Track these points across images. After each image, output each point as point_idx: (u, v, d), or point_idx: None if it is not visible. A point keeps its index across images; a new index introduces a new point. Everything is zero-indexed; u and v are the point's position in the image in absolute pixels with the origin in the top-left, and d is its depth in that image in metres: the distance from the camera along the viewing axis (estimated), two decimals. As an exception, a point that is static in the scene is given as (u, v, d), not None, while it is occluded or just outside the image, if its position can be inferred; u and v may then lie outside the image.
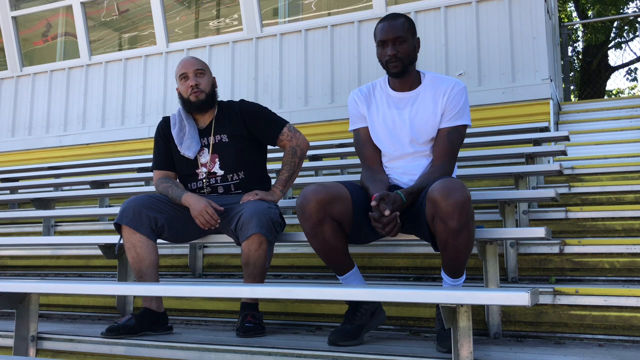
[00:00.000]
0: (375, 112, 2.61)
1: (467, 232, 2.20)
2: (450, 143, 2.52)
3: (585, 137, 5.81)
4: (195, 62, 2.92)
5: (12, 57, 8.29)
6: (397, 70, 2.52)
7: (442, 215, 2.16)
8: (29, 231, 5.05)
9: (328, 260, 2.47)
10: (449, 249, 2.25)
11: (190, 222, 2.75)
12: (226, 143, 2.87)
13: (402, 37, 2.50)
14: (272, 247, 2.67)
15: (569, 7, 16.63)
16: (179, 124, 2.91)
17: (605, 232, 3.46)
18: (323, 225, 2.35)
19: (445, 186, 2.16)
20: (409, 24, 2.55)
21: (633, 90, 18.22)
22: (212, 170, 2.86)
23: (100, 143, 7.50)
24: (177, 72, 2.94)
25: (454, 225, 2.15)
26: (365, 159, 2.64)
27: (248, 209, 2.61)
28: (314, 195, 2.32)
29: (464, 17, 6.11)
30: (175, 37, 7.52)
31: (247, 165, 2.89)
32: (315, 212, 2.32)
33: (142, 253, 2.66)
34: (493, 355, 2.18)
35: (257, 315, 2.67)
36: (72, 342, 2.61)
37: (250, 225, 2.56)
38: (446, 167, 2.50)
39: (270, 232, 2.61)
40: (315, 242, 2.41)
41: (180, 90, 2.91)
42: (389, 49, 2.50)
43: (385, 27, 2.53)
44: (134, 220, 2.65)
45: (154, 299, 2.72)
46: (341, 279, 2.53)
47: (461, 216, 2.14)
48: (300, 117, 6.46)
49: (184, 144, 2.85)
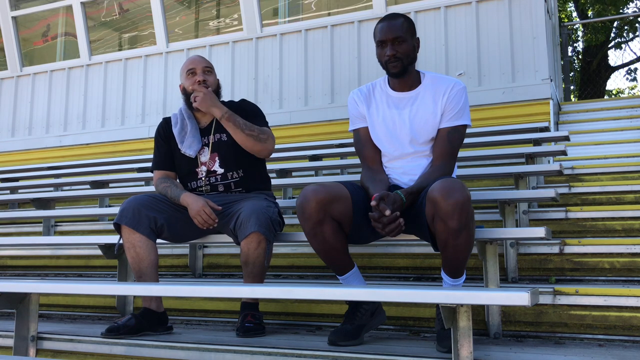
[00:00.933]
0: (375, 112, 2.61)
1: (467, 232, 2.20)
2: (450, 143, 2.52)
3: (585, 137, 5.81)
4: (203, 60, 2.95)
5: (12, 57, 8.29)
6: (397, 71, 2.52)
7: (442, 215, 2.16)
8: (29, 231, 5.05)
9: (328, 260, 2.47)
10: (449, 249, 2.25)
11: (189, 222, 2.74)
12: (225, 141, 2.87)
13: (401, 37, 2.50)
14: (271, 246, 2.67)
15: (569, 7, 16.63)
16: (180, 123, 2.91)
17: (605, 232, 3.46)
18: (323, 225, 2.34)
19: (445, 186, 2.16)
20: (408, 24, 2.55)
21: (633, 90, 18.23)
22: (212, 168, 2.86)
23: (100, 143, 7.50)
24: (184, 68, 2.94)
25: (454, 225, 2.15)
26: (365, 159, 2.64)
27: (247, 208, 2.61)
28: (314, 195, 2.32)
29: (464, 17, 6.11)
30: (175, 37, 7.52)
31: (246, 164, 2.89)
32: (315, 212, 2.32)
33: (141, 253, 2.66)
34: (493, 355, 2.18)
35: (257, 315, 2.66)
36: (72, 342, 2.61)
37: (249, 224, 2.56)
38: (446, 167, 2.50)
39: (269, 231, 2.61)
40: (316, 242, 2.41)
41: (186, 85, 2.91)
42: (388, 49, 2.50)
43: (384, 27, 2.53)
44: (134, 220, 2.65)
45: (154, 299, 2.72)
46: (341, 279, 2.53)
47: (461, 216, 2.14)
48: (300, 117, 6.46)
49: (185, 143, 2.86)
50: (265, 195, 2.86)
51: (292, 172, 4.75)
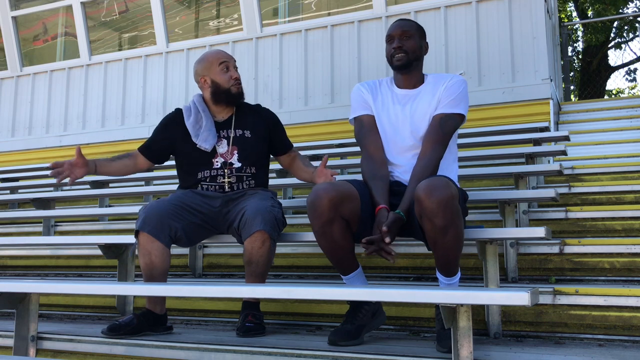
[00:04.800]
0: (380, 106, 2.63)
1: (455, 230, 2.19)
2: (441, 128, 2.50)
3: (585, 137, 5.81)
4: (231, 56, 2.97)
5: (12, 57, 8.29)
6: (401, 63, 2.55)
7: (427, 213, 2.16)
8: (29, 231, 5.05)
9: (334, 259, 2.46)
10: (439, 247, 2.26)
11: (204, 227, 2.76)
12: (248, 138, 2.90)
13: (409, 33, 2.58)
14: (274, 245, 2.67)
15: (569, 7, 16.63)
16: (194, 116, 2.88)
17: (605, 232, 3.46)
18: (333, 224, 2.33)
19: (428, 184, 2.17)
20: (418, 26, 2.65)
21: (633, 90, 18.23)
22: (230, 160, 2.86)
23: (100, 143, 7.50)
24: (214, 57, 2.91)
25: (439, 223, 2.16)
26: (367, 147, 2.60)
27: (251, 207, 2.62)
28: (325, 194, 2.30)
29: (464, 17, 6.11)
30: (175, 37, 7.52)
31: (260, 164, 2.93)
32: (327, 210, 2.30)
33: (156, 261, 2.64)
34: (493, 355, 2.18)
35: (258, 315, 2.66)
36: (72, 342, 2.61)
37: (255, 223, 2.56)
38: (433, 154, 2.46)
39: (274, 230, 2.61)
40: (324, 241, 2.39)
41: (219, 79, 2.88)
42: (395, 42, 2.57)
43: (395, 24, 2.63)
44: (156, 229, 2.62)
45: (159, 303, 2.72)
46: (345, 279, 2.52)
47: (446, 214, 2.14)
48: (300, 117, 6.47)
49: (201, 137, 2.84)
50: (270, 194, 2.86)
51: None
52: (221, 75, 2.88)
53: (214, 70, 2.88)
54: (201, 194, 2.81)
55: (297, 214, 4.33)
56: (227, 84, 2.87)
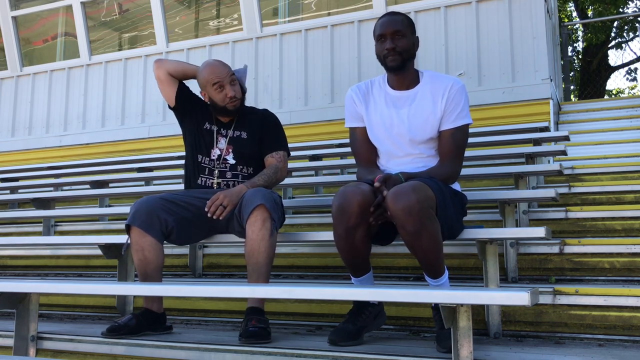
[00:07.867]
0: (373, 111, 2.61)
1: (428, 233, 2.17)
2: (455, 143, 2.52)
3: (585, 137, 5.81)
4: (226, 69, 2.90)
5: (12, 57, 8.29)
6: (395, 64, 2.51)
7: (396, 220, 2.17)
8: (29, 231, 5.05)
9: (350, 261, 2.42)
10: (416, 251, 2.25)
11: (197, 223, 2.75)
12: (244, 139, 2.94)
13: (401, 32, 2.52)
14: (275, 232, 2.62)
15: (569, 7, 16.63)
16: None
17: (605, 232, 3.46)
18: (358, 229, 2.29)
19: (395, 190, 2.16)
20: (408, 21, 2.57)
21: (633, 90, 18.23)
22: (225, 156, 2.91)
23: (100, 143, 7.50)
24: (206, 78, 2.88)
25: (409, 229, 2.15)
26: (360, 159, 2.65)
27: (250, 191, 2.65)
28: (354, 197, 2.26)
29: (464, 17, 6.10)
30: (175, 37, 7.51)
31: (257, 165, 2.95)
32: (355, 215, 2.26)
33: (149, 256, 2.64)
34: (493, 355, 2.18)
35: (263, 320, 2.52)
36: (72, 342, 2.61)
37: (255, 199, 2.56)
38: (451, 165, 2.50)
39: (275, 211, 2.59)
40: (346, 245, 2.34)
41: (215, 98, 2.89)
42: (387, 42, 2.51)
43: (384, 22, 2.55)
44: (146, 223, 2.63)
45: (156, 301, 2.72)
46: (355, 280, 2.49)
47: (414, 219, 2.12)
48: (300, 117, 6.47)
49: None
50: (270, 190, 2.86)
51: (292, 172, 4.75)
52: (216, 95, 2.89)
53: (209, 89, 2.91)
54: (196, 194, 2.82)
55: (297, 214, 4.33)
56: (222, 102, 2.88)
